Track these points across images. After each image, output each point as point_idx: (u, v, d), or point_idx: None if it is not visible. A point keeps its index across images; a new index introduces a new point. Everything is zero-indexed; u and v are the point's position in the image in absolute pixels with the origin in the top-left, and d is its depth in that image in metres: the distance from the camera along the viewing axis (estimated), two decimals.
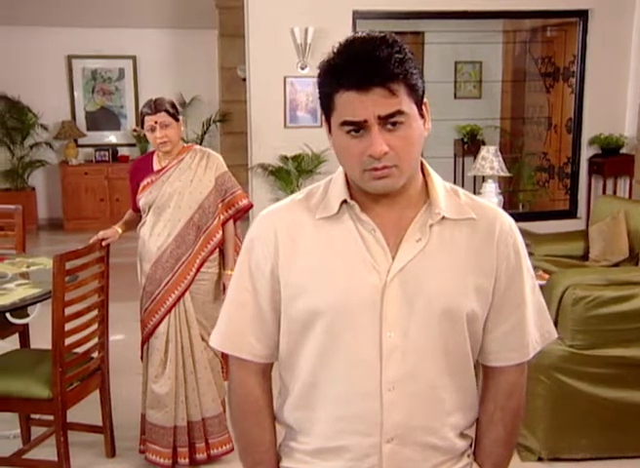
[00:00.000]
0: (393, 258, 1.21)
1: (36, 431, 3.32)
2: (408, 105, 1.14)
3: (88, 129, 8.47)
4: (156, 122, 2.90)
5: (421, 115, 1.20)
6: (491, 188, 4.93)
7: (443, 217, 1.23)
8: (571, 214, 6.46)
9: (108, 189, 8.14)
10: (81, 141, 8.40)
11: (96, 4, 7.72)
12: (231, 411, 1.37)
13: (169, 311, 2.98)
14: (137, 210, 3.11)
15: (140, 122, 2.98)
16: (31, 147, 8.16)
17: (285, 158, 5.71)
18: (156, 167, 3.05)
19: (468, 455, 1.35)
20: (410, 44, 7.45)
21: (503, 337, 1.29)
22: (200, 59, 8.31)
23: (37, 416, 3.29)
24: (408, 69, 1.13)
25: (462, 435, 1.32)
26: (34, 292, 3.00)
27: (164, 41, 8.38)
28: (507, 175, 5.00)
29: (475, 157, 5.04)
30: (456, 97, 8.29)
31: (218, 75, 8.17)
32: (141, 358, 3.10)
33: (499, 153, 4.94)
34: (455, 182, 5.76)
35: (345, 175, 1.26)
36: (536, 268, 4.18)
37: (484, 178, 5.00)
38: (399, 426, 1.22)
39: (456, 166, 8.14)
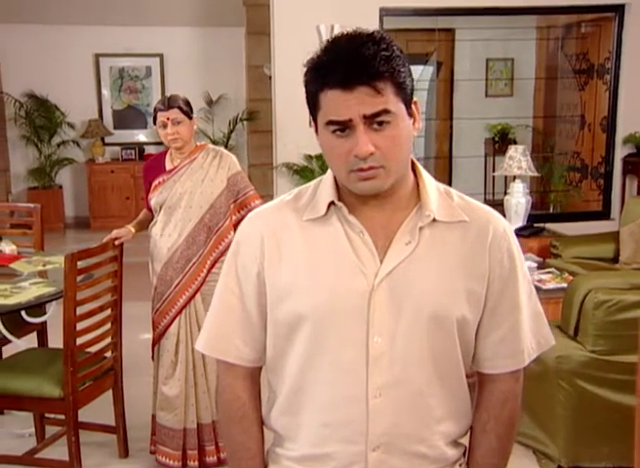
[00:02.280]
0: (381, 262, 1.18)
1: (51, 430, 3.33)
2: (395, 104, 1.12)
3: (115, 127, 8.50)
4: (168, 118, 2.87)
5: (410, 114, 1.17)
6: (519, 188, 4.88)
7: (434, 220, 1.20)
8: (604, 215, 6.28)
9: (134, 187, 8.13)
10: (108, 140, 8.43)
11: (123, 2, 7.76)
12: (219, 416, 1.38)
13: (179, 312, 2.95)
14: (151, 209, 3.08)
15: (153, 118, 2.96)
16: (59, 146, 8.21)
17: (309, 157, 5.66)
18: (168, 166, 3.02)
19: (460, 465, 1.31)
20: (440, 41, 7.42)
21: (497, 344, 1.26)
22: (227, 57, 8.26)
23: (52, 416, 3.29)
24: (395, 67, 1.11)
25: (455, 443, 1.29)
26: (48, 291, 3.00)
27: (191, 39, 8.36)
28: (535, 174, 4.90)
29: None
30: (487, 95, 8.13)
31: (245, 73, 8.15)
32: (153, 358, 3.07)
33: (527, 152, 4.85)
34: (485, 182, 5.64)
35: (335, 175, 1.23)
36: (562, 271, 4.10)
37: (515, 178, 4.92)
38: (385, 434, 1.19)
39: (486, 165, 8.00)
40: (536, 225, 5.07)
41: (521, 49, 7.79)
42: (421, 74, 7.43)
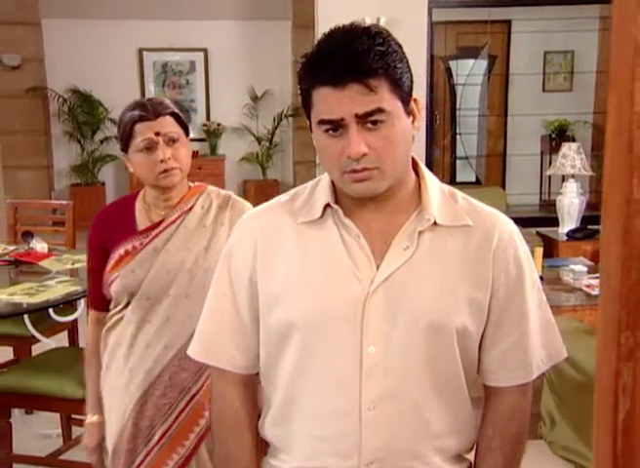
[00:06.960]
0: (378, 267, 1.14)
1: (78, 431, 3.29)
2: (390, 103, 1.07)
3: None
4: (158, 133, 1.68)
5: (409, 113, 1.12)
6: (572, 188, 4.68)
7: (435, 224, 1.15)
8: None
9: None
10: None
11: None
12: (211, 424, 1.33)
13: None
14: (101, 306, 1.87)
15: (123, 136, 1.71)
16: (101, 142, 8.17)
17: None
18: (141, 224, 1.78)
19: None
20: (495, 34, 7.16)
21: (503, 355, 1.21)
22: (273, 51, 8.14)
23: (78, 416, 3.25)
24: (390, 63, 1.06)
25: (457, 459, 1.23)
26: (75, 290, 2.96)
27: (236, 33, 8.24)
28: (589, 173, 4.66)
29: None
30: (544, 89, 7.85)
31: (290, 68, 8.04)
32: None
33: (581, 150, 4.64)
34: (541, 181, 5.39)
35: None
36: None
37: (570, 177, 4.71)
38: (379, 449, 1.15)
39: (542, 164, 7.70)
40: (590, 227, 4.83)
41: (582, 41, 7.51)
42: (472, 68, 7.21)
